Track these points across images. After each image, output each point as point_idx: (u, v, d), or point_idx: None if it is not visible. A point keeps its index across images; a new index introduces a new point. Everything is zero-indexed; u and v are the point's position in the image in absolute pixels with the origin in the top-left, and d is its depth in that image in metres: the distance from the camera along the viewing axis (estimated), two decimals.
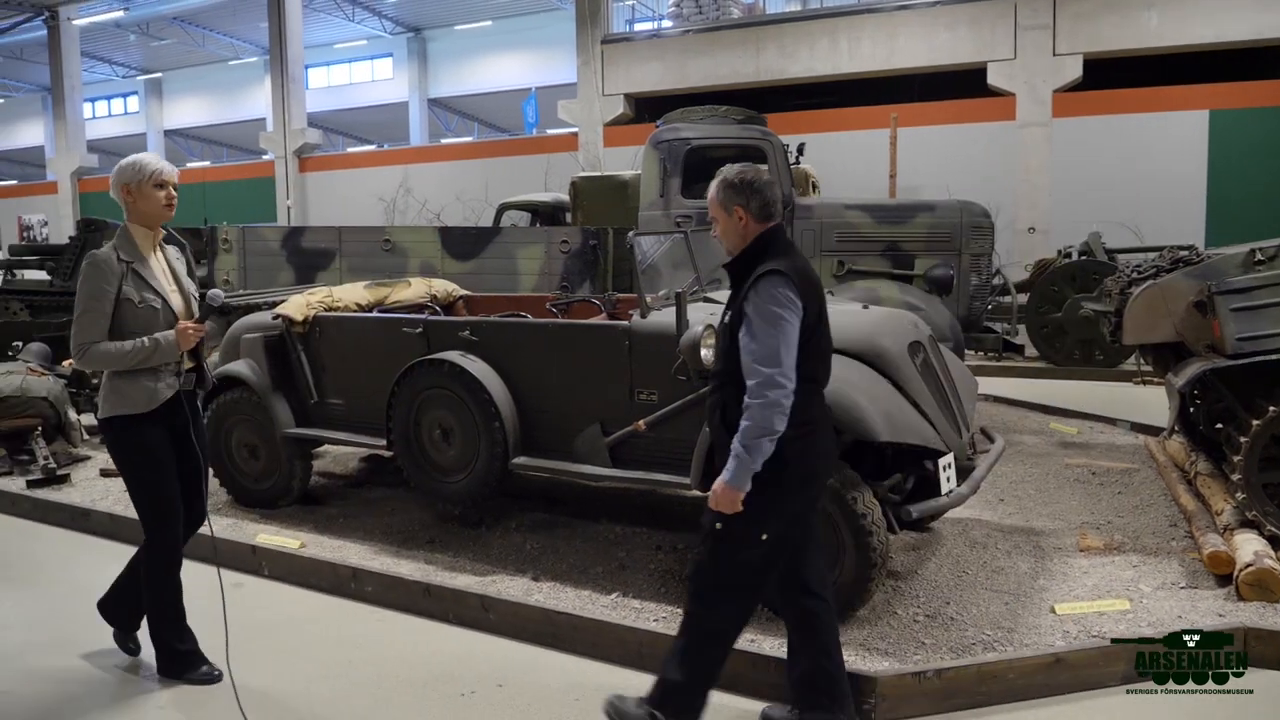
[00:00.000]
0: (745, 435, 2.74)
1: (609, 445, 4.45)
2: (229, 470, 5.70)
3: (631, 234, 4.59)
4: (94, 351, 3.37)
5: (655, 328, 4.32)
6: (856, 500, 3.65)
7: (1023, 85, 15.28)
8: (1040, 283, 10.95)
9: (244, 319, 5.99)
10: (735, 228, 3.00)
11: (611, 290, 7.20)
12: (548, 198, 11.61)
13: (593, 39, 18.49)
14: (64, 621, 4.23)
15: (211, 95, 34.48)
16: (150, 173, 3.46)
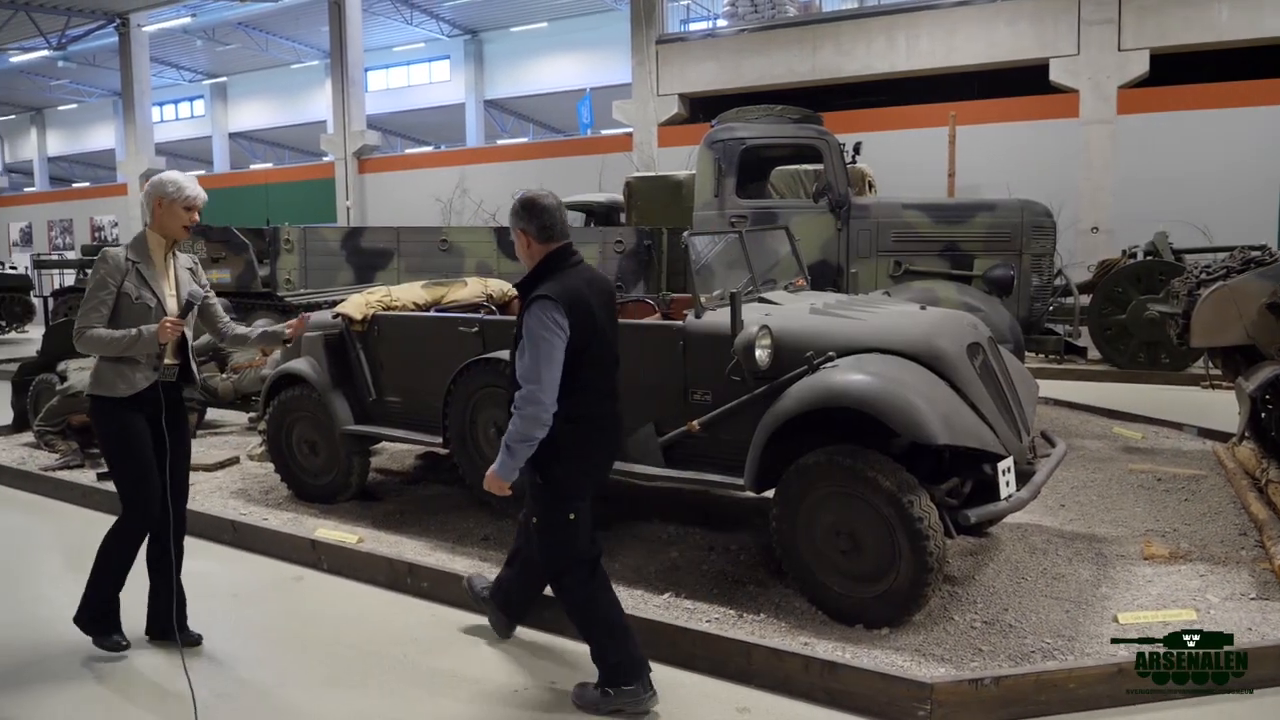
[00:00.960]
0: (510, 437, 3.18)
1: (663, 445, 4.45)
2: (289, 465, 5.82)
3: (686, 234, 4.59)
4: (87, 335, 3.65)
5: (710, 328, 4.31)
6: (913, 503, 3.60)
7: (1086, 81, 14.94)
8: (1104, 284, 10.70)
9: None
10: (522, 249, 3.37)
11: (666, 290, 7.20)
12: (602, 198, 11.66)
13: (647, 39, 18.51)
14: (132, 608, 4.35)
15: (274, 98, 35.20)
16: (187, 196, 3.75)
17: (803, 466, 3.85)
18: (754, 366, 4.03)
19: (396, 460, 6.88)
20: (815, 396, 3.82)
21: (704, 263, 4.77)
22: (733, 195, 7.66)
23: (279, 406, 5.73)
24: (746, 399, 4.14)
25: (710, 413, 4.27)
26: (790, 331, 4.14)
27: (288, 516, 5.52)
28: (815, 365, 3.93)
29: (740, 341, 4.03)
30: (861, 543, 3.76)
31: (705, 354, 4.31)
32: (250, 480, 6.37)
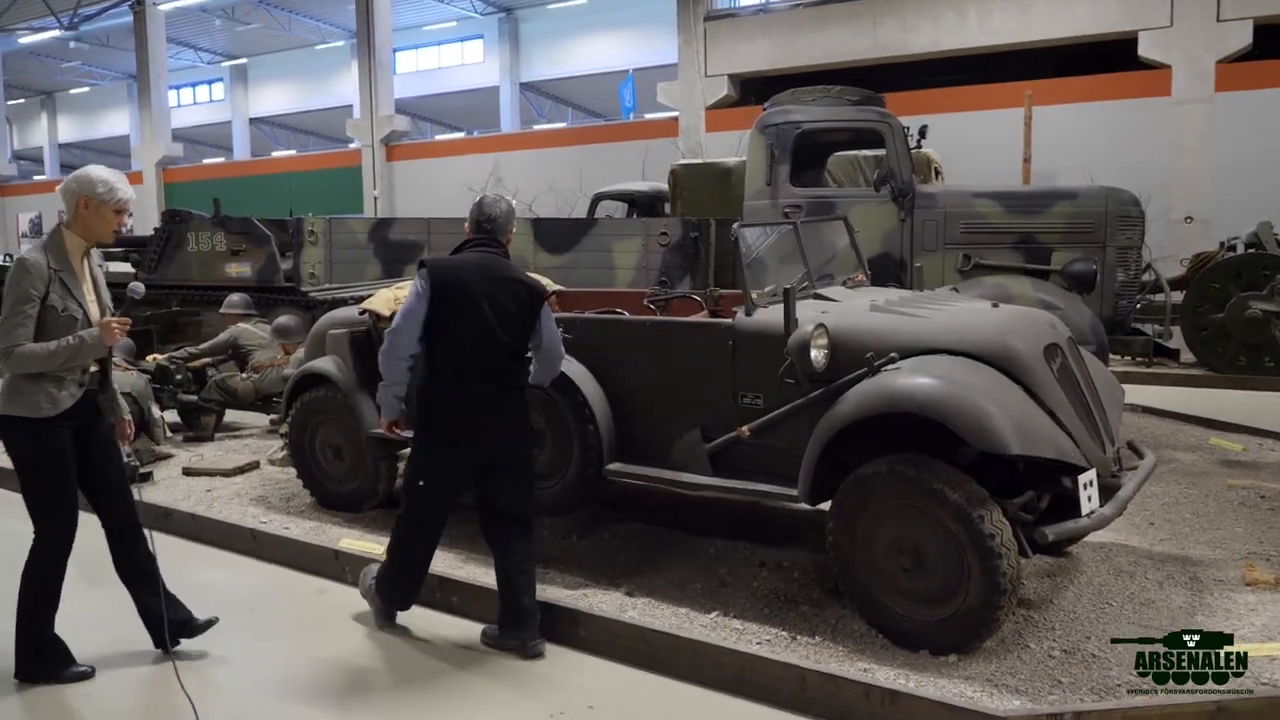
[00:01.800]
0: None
1: (710, 452, 4.46)
2: (313, 471, 5.91)
3: (736, 225, 4.59)
4: (18, 354, 3.49)
5: (761, 326, 4.31)
6: (984, 519, 3.58)
7: (1180, 56, 14.66)
8: (1199, 279, 10.50)
9: (330, 314, 6.22)
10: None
11: (714, 286, 7.20)
12: (645, 187, 11.69)
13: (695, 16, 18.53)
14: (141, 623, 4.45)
15: (297, 81, 35.75)
16: (119, 198, 3.67)
17: (862, 477, 3.84)
18: (809, 368, 4.02)
19: None
20: (876, 401, 3.80)
21: (755, 256, 4.77)
22: (787, 183, 7.64)
23: (302, 408, 5.82)
24: (801, 403, 4.13)
25: (761, 418, 4.27)
26: (848, 330, 4.13)
27: (310, 525, 5.62)
28: (876, 367, 3.92)
29: (794, 341, 4.03)
30: (926, 561, 3.74)
31: (756, 354, 4.31)
32: (271, 486, 6.49)
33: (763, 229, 4.99)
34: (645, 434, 4.73)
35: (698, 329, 4.61)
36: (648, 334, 4.72)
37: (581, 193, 15.26)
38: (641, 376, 4.72)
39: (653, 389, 4.69)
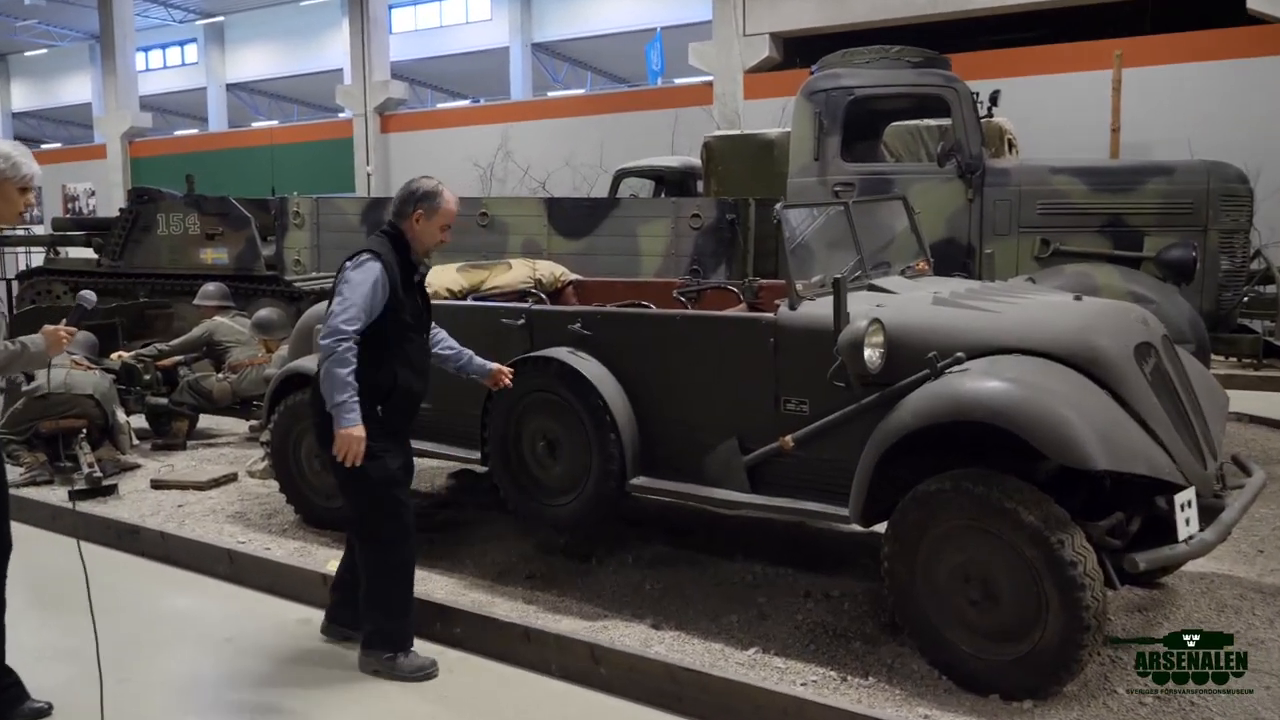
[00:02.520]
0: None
1: (748, 465, 4.46)
2: (298, 484, 5.96)
3: (779, 206, 4.59)
4: None
5: (807, 322, 4.30)
6: (1064, 544, 3.55)
7: None
8: None
9: (317, 306, 6.26)
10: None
11: (752, 275, 7.19)
12: (675, 162, 11.69)
13: None
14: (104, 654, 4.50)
15: (280, 42, 35.96)
16: (23, 175, 3.61)
17: (923, 495, 3.83)
18: (862, 369, 4.01)
19: (424, 479, 7.00)
20: (939, 408, 3.79)
21: (801, 241, 4.76)
22: (837, 158, 7.62)
23: (286, 413, 5.87)
24: (853, 410, 4.12)
25: (807, 426, 4.27)
26: (908, 326, 4.11)
27: (295, 546, 5.67)
28: (939, 369, 3.90)
29: (846, 339, 4.02)
30: (997, 591, 3.72)
31: (801, 354, 4.30)
32: (250, 501, 6.55)
33: (809, 210, 4.97)
34: (674, 444, 4.73)
35: (734, 325, 4.61)
36: (677, 330, 4.73)
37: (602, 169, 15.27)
38: (670, 378, 4.72)
39: (683, 393, 4.69)
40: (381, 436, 4.11)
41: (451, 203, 4.27)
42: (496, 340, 5.17)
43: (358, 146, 23.89)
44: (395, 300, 4.11)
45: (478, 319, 5.38)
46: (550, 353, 4.90)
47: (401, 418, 4.22)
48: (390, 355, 4.13)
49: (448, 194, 4.26)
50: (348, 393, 3.95)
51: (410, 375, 4.19)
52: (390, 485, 4.18)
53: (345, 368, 3.95)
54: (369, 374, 4.04)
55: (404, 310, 4.15)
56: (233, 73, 37.40)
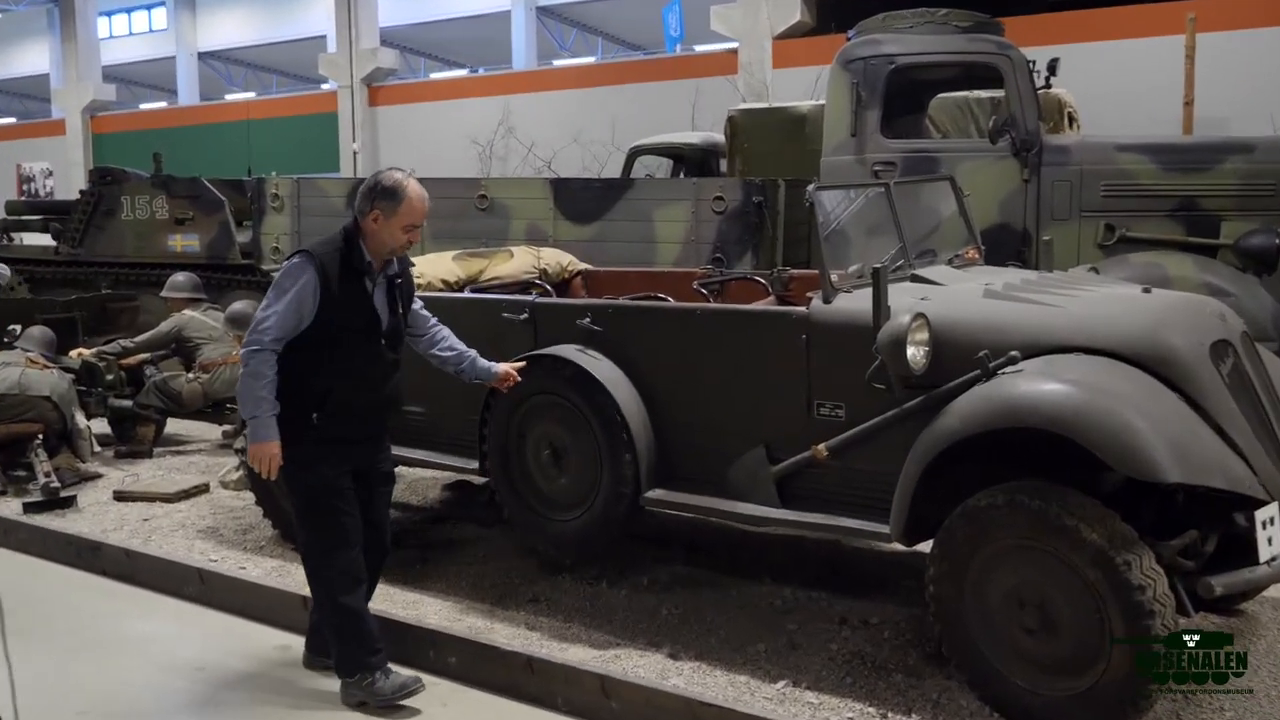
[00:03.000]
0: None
1: (776, 477, 4.46)
2: (275, 498, 5.96)
3: (811, 187, 4.57)
4: None
5: (843, 316, 4.30)
6: (1131, 566, 3.53)
7: None
8: None
9: None
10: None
11: (782, 265, 7.17)
12: (696, 139, 11.66)
13: None
14: (61, 683, 4.51)
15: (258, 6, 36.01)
16: None
17: (972, 510, 3.81)
18: (905, 370, 4.00)
19: (416, 491, 7.01)
20: (991, 413, 3.77)
21: (836, 226, 4.75)
22: (877, 134, 7.60)
23: None
24: (894, 415, 4.11)
25: (843, 433, 4.26)
26: (956, 322, 4.11)
27: (272, 565, 5.68)
28: (991, 369, 3.89)
29: (887, 335, 4.00)
30: (1056, 619, 3.70)
31: (837, 352, 4.30)
32: (224, 515, 6.57)
33: (846, 192, 4.97)
34: (694, 453, 4.74)
35: (762, 320, 4.61)
36: (698, 326, 4.72)
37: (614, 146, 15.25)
38: (690, 380, 4.72)
39: (704, 396, 4.69)
40: (318, 444, 4.17)
41: (416, 200, 4.20)
42: (496, 337, 5.17)
43: (343, 122, 23.92)
44: (330, 308, 4.13)
45: (475, 313, 5.38)
46: (556, 351, 4.90)
47: (344, 427, 4.24)
48: (326, 364, 4.17)
49: (413, 190, 4.20)
50: (260, 409, 4.07)
51: (350, 386, 4.20)
52: (325, 495, 4.23)
53: (258, 380, 4.06)
54: (303, 380, 4.13)
55: (344, 318, 4.16)
56: (205, 40, 37.45)
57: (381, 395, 4.35)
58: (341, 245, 4.22)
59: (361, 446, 4.35)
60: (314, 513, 4.26)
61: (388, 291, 4.32)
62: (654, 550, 5.68)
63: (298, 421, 4.12)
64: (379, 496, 4.50)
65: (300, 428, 4.12)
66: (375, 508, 4.45)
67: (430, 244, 9.34)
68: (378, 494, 4.49)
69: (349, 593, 4.25)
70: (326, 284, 4.11)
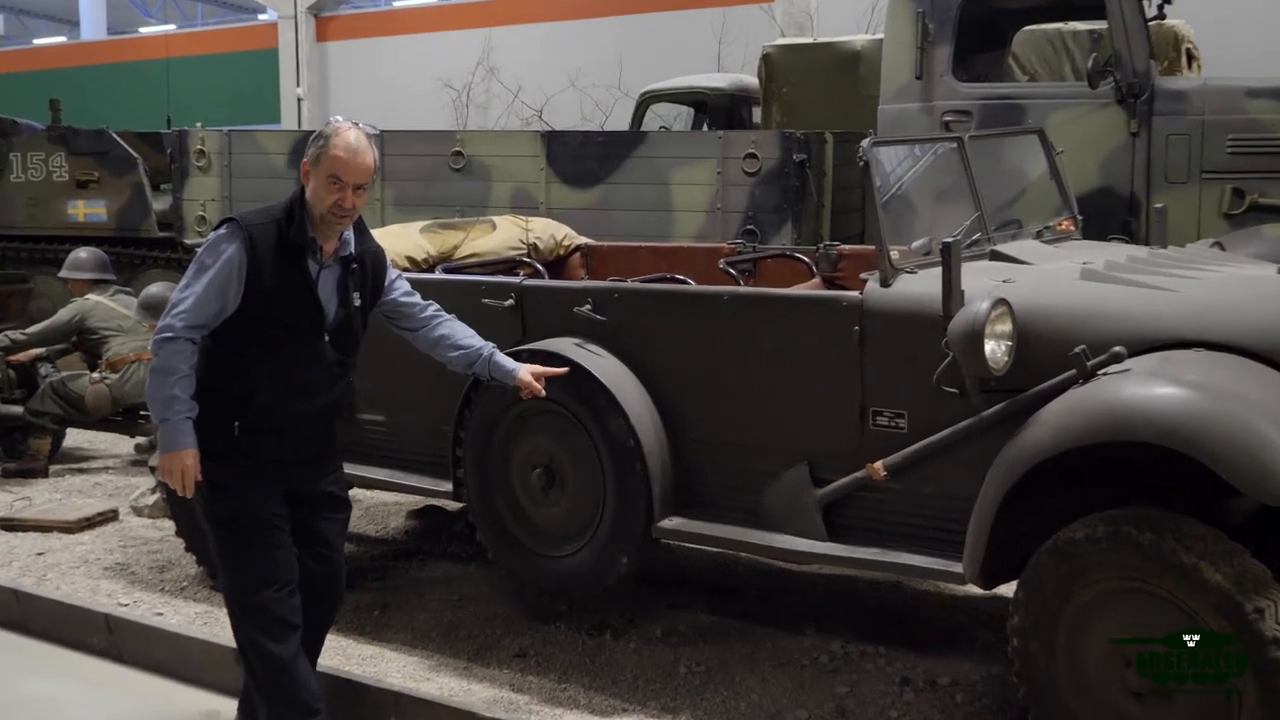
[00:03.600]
0: None
1: (823, 502, 4.45)
2: (201, 527, 5.96)
3: (866, 142, 4.56)
4: None
5: (906, 303, 4.29)
6: (1263, 614, 3.52)
7: None
8: None
9: None
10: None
11: (829, 239, 7.17)
12: (722, 81, 11.66)
13: None
14: None
15: None
16: None
17: (1065, 545, 3.79)
18: (983, 370, 3.98)
19: (374, 519, 7.01)
20: (1090, 424, 3.76)
21: (897, 191, 4.75)
22: (948, 76, 7.59)
23: None
24: (969, 426, 4.10)
25: (905, 449, 4.25)
26: (1047, 310, 4.11)
27: (197, 610, 5.67)
28: (1090, 369, 3.88)
29: (960, 327, 3.99)
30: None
31: (897, 348, 4.29)
32: (137, 548, 6.57)
33: (909, 149, 4.96)
34: (721, 473, 4.74)
35: (805, 307, 4.60)
36: (725, 314, 4.71)
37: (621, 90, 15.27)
38: (715, 382, 4.72)
39: (733, 402, 4.68)
40: (240, 461, 4.11)
41: (343, 148, 4.05)
42: (475, 327, 5.16)
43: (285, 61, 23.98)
44: (260, 293, 4.04)
45: (450, 298, 5.35)
46: (550, 345, 4.89)
47: (270, 442, 4.17)
48: (251, 364, 4.09)
49: (344, 135, 4.08)
50: (172, 410, 3.97)
51: (279, 392, 4.12)
52: (249, 524, 4.15)
53: (172, 375, 3.95)
54: (223, 380, 4.07)
55: (277, 307, 4.08)
56: None
57: (319, 406, 4.25)
58: (281, 217, 4.14)
59: (297, 468, 4.28)
60: (235, 545, 4.17)
61: (339, 278, 4.22)
62: (670, 594, 5.68)
63: (216, 432, 4.04)
64: (326, 527, 4.39)
65: (218, 440, 4.05)
66: (322, 541, 4.36)
67: (393, 213, 9.37)
68: (324, 524, 4.38)
69: (279, 641, 4.18)
70: (256, 262, 4.01)
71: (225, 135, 10.23)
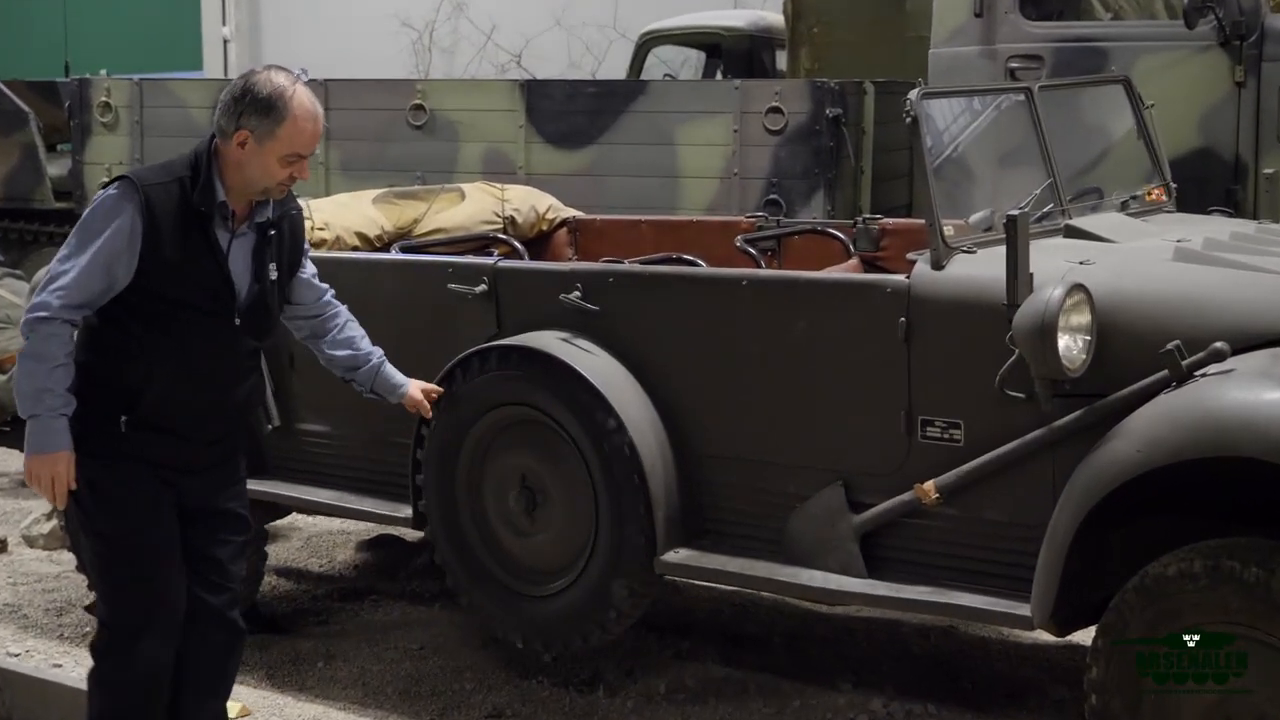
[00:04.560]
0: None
1: (861, 531, 4.46)
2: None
3: (914, 93, 4.56)
4: None
5: (962, 289, 4.31)
6: None
7: None
8: None
9: None
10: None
11: (869, 212, 7.18)
12: (740, 20, 11.67)
13: None
14: None
15: None
16: None
17: (1154, 582, 3.81)
18: (1055, 370, 3.98)
19: (318, 552, 7.02)
20: (1186, 436, 3.76)
21: (952, 153, 4.77)
22: (1014, 13, 7.60)
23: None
24: (1038, 438, 4.11)
25: (960, 466, 4.26)
26: (1133, 297, 4.13)
27: None
28: (1186, 368, 3.89)
29: (1028, 318, 3.99)
30: None
31: (951, 343, 4.31)
32: (29, 586, 6.61)
33: (966, 101, 4.98)
34: (737, 495, 4.76)
35: (840, 294, 4.61)
36: (744, 303, 4.73)
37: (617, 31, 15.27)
38: (731, 385, 4.73)
39: (753, 409, 4.70)
40: (123, 464, 4.07)
41: (305, 118, 4.05)
42: (439, 319, 5.18)
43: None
44: (158, 267, 4.00)
45: (407, 283, 5.38)
46: (530, 341, 4.91)
47: (166, 442, 4.13)
48: (145, 346, 4.06)
49: (301, 103, 4.05)
50: (44, 402, 3.93)
51: (180, 382, 4.09)
52: (128, 546, 4.12)
53: (46, 363, 3.91)
54: (108, 365, 4.05)
55: (177, 283, 4.06)
56: None
57: (225, 402, 4.22)
58: (186, 174, 4.07)
59: (194, 476, 4.22)
60: (112, 567, 4.13)
61: (255, 248, 4.18)
62: (675, 641, 5.71)
63: (98, 427, 3.99)
64: (223, 551, 4.33)
65: (101, 437, 3.99)
66: (216, 568, 4.30)
67: (340, 179, 9.38)
68: (220, 548, 4.32)
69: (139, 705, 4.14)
70: (154, 230, 3.97)
71: (136, 85, 10.23)
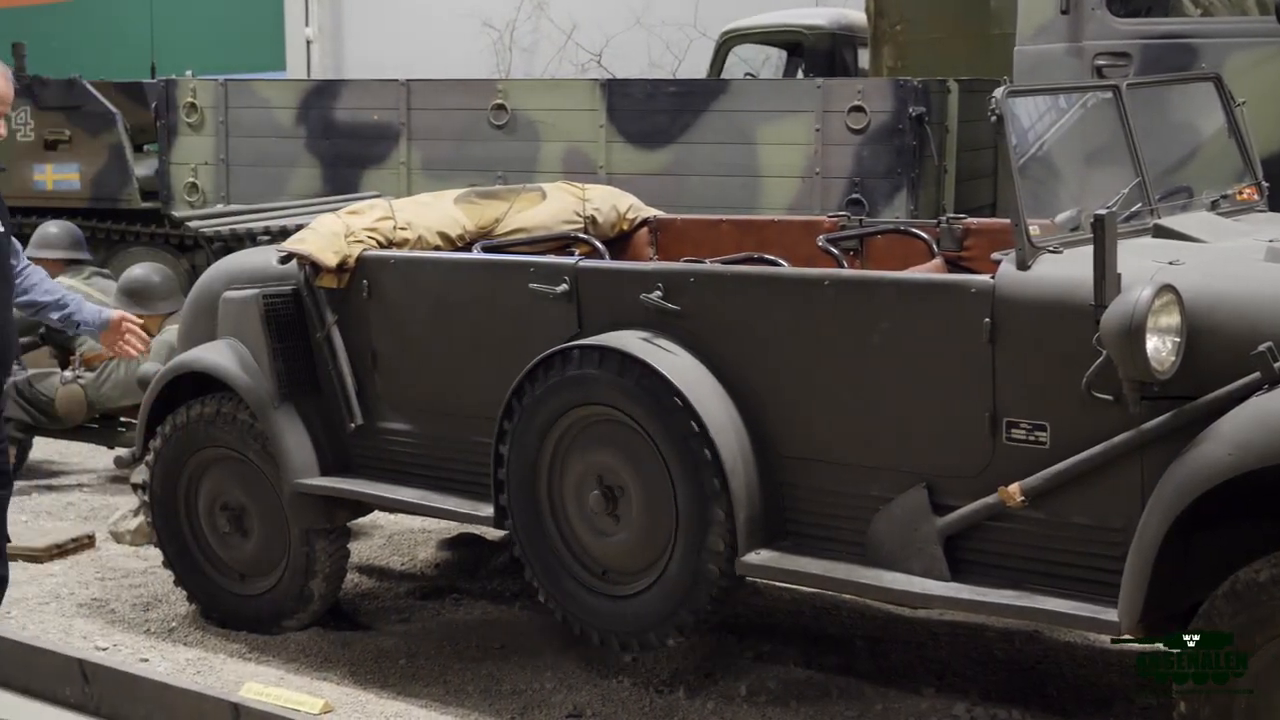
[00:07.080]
0: None
1: (945, 534, 4.43)
2: (193, 555, 6.05)
3: (1000, 92, 4.52)
4: None
5: (1048, 290, 4.26)
6: None
7: None
8: None
9: (225, 261, 6.32)
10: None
11: (953, 212, 7.14)
12: (820, 18, 11.64)
13: None
14: None
15: None
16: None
17: (1246, 588, 3.77)
18: (1144, 371, 3.95)
19: (400, 550, 7.04)
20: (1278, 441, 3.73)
21: (1038, 152, 4.73)
22: (1102, 9, 7.54)
23: (177, 437, 5.96)
24: (1126, 441, 4.07)
25: (1046, 469, 4.22)
26: (1224, 298, 4.07)
27: (188, 656, 5.73)
28: (1279, 371, 3.83)
29: (1116, 319, 3.95)
30: None
31: (1037, 344, 4.27)
32: (117, 581, 6.65)
33: (1052, 99, 4.94)
34: (819, 497, 4.73)
35: (924, 294, 4.57)
36: (825, 303, 4.69)
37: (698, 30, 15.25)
38: (812, 386, 4.71)
39: (834, 410, 4.68)
40: None
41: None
42: (520, 319, 5.19)
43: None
44: None
45: (490, 282, 5.38)
46: (611, 340, 4.90)
47: None
48: None
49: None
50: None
51: None
52: None
53: None
54: None
55: None
56: None
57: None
58: None
59: None
60: None
61: None
62: (756, 642, 5.69)
63: None
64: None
65: None
66: None
67: (422, 179, 9.41)
68: None
69: None
70: None
71: (221, 85, 10.29)
